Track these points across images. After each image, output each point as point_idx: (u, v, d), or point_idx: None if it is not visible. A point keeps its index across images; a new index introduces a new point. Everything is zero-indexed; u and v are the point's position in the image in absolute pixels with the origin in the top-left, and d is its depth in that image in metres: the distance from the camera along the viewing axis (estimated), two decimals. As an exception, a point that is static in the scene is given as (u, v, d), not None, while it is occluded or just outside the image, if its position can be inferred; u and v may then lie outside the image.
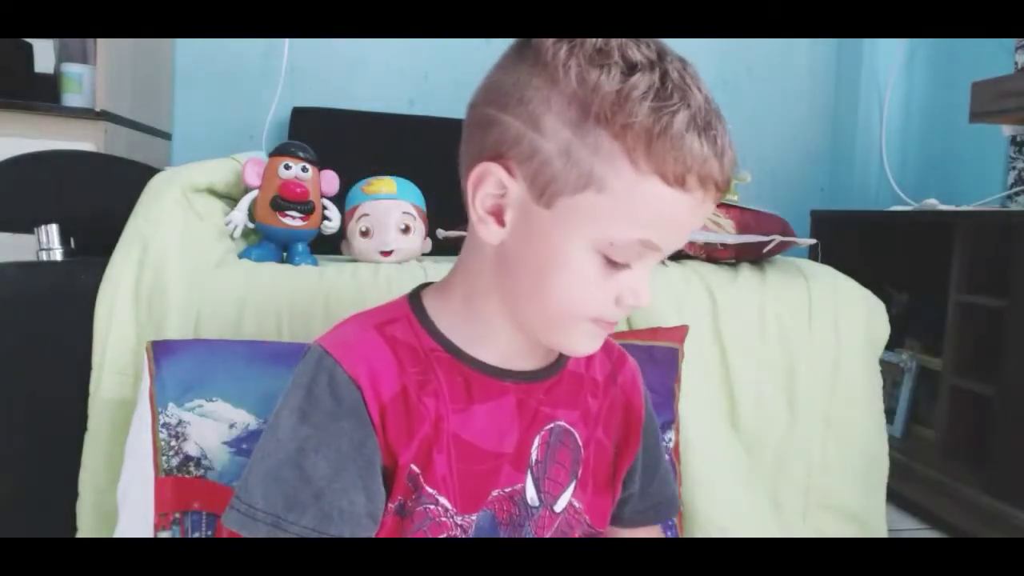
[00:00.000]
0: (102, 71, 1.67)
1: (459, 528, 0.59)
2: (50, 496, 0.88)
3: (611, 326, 0.59)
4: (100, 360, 0.86)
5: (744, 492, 1.03)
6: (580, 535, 0.67)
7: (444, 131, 1.23)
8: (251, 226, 1.05)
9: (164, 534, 0.75)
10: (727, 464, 1.03)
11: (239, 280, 0.93)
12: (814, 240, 1.32)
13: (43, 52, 1.77)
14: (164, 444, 0.76)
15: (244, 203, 1.04)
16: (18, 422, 0.89)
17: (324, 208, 1.06)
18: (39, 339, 0.89)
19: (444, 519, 0.59)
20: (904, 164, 2.36)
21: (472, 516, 0.60)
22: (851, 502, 1.12)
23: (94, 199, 1.13)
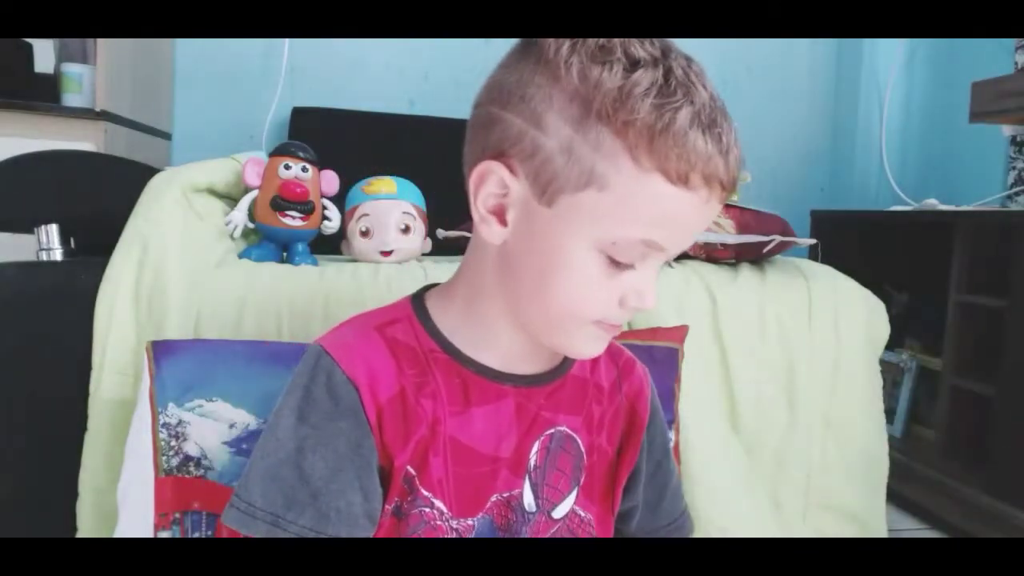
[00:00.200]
0: (102, 71, 1.67)
1: (455, 532, 0.59)
2: (50, 496, 0.88)
3: (615, 329, 0.58)
4: (100, 360, 0.86)
5: (744, 492, 1.03)
6: None
7: (444, 131, 1.23)
8: (251, 226, 1.05)
9: (164, 534, 0.75)
10: (727, 464, 1.02)
11: (239, 280, 0.93)
12: (814, 240, 1.32)
13: (43, 52, 1.76)
14: (164, 444, 0.76)
15: (244, 203, 1.04)
16: (18, 422, 0.88)
17: (324, 208, 1.06)
18: (39, 339, 0.89)
19: (439, 523, 0.58)
20: (904, 164, 2.36)
21: (469, 520, 0.59)
22: (851, 502, 1.12)
23: (94, 199, 1.13)
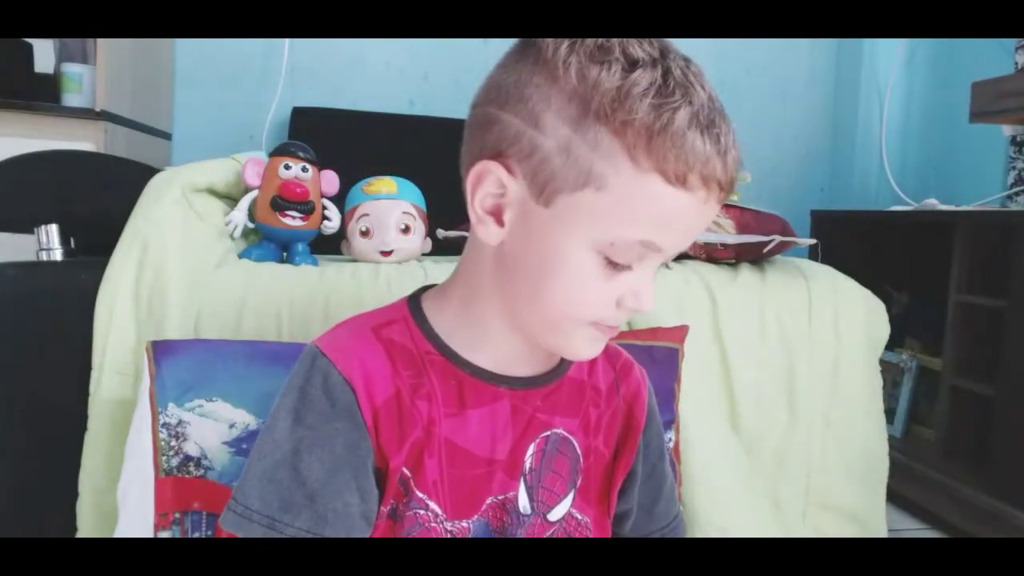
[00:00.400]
0: (102, 71, 1.67)
1: (449, 535, 0.59)
2: (50, 496, 0.88)
3: (612, 330, 0.58)
4: (100, 360, 0.86)
5: (744, 492, 1.03)
6: None
7: (444, 131, 1.23)
8: (251, 226, 1.05)
9: (164, 534, 0.75)
10: (727, 464, 1.03)
11: (239, 280, 0.93)
12: (814, 240, 1.32)
13: (43, 52, 1.76)
14: (164, 444, 0.76)
15: (244, 203, 1.04)
16: (18, 422, 0.88)
17: (324, 208, 1.06)
18: (39, 339, 0.89)
19: (434, 524, 0.58)
20: (904, 164, 2.36)
21: (464, 523, 0.59)
22: (851, 502, 1.12)
23: (94, 199, 1.13)
